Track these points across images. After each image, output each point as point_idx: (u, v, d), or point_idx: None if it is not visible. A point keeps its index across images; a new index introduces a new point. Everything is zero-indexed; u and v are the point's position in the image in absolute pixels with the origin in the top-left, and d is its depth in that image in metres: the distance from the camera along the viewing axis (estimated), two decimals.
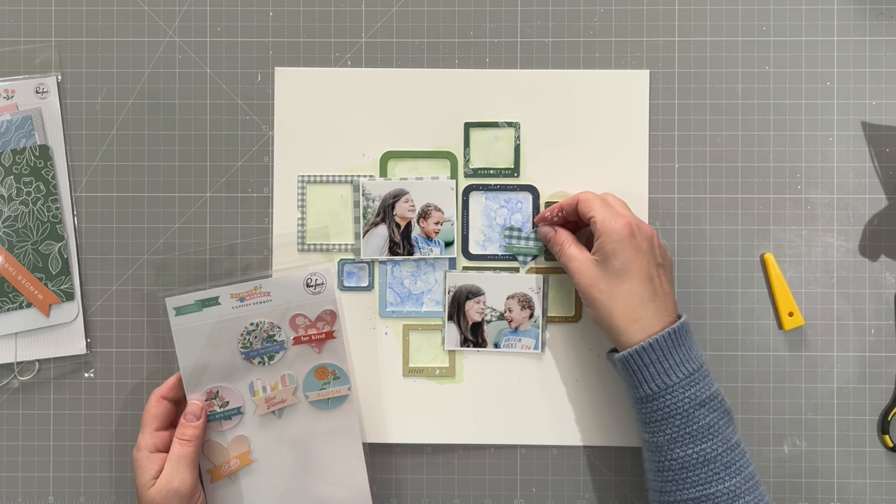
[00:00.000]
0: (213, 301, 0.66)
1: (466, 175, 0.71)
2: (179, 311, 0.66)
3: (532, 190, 0.71)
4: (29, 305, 0.70)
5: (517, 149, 0.71)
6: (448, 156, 0.71)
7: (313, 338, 0.67)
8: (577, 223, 0.68)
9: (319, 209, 0.71)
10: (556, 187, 0.71)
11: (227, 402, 0.67)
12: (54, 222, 0.70)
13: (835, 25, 0.71)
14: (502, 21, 0.71)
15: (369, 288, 0.71)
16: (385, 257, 0.70)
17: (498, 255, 0.71)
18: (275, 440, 0.67)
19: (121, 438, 0.71)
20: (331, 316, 0.67)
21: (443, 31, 0.72)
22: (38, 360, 0.71)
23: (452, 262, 0.71)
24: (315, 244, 0.71)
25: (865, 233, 0.71)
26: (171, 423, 0.66)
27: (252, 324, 0.66)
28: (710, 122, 0.71)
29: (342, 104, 0.71)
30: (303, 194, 0.71)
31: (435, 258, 0.70)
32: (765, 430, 0.71)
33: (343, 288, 0.71)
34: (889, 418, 0.70)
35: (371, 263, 0.71)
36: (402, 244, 0.70)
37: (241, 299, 0.66)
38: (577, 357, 0.70)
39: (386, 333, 0.71)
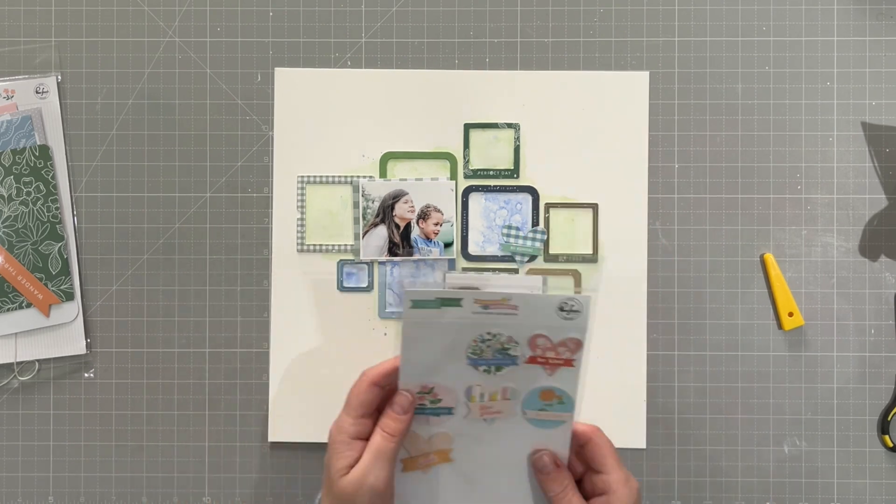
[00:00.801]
0: (455, 302, 0.61)
1: (466, 176, 0.71)
2: (416, 304, 0.60)
3: (532, 191, 0.71)
4: (29, 305, 0.70)
5: (517, 150, 0.71)
6: (448, 157, 0.71)
7: (550, 361, 0.61)
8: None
9: (319, 210, 0.71)
10: (556, 188, 0.71)
11: (440, 400, 0.62)
12: (54, 222, 0.70)
13: (835, 25, 0.71)
14: (502, 21, 0.71)
15: (369, 289, 0.71)
16: (384, 258, 0.70)
17: (497, 256, 0.71)
18: (479, 446, 0.63)
19: (121, 438, 0.71)
20: (575, 345, 0.61)
21: (443, 31, 0.72)
22: (38, 360, 0.71)
23: (452, 263, 0.71)
24: (315, 244, 0.71)
25: (865, 233, 0.71)
26: (377, 410, 0.61)
27: (490, 333, 0.61)
28: (710, 122, 0.71)
29: (342, 104, 0.71)
30: (302, 195, 0.71)
31: (434, 259, 0.70)
32: (765, 430, 0.71)
33: (342, 289, 0.71)
34: (889, 418, 0.70)
35: (370, 264, 0.71)
36: (401, 245, 0.70)
37: (486, 307, 0.61)
38: None
39: (385, 334, 0.71)
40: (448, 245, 0.70)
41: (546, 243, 0.71)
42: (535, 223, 0.71)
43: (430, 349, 0.61)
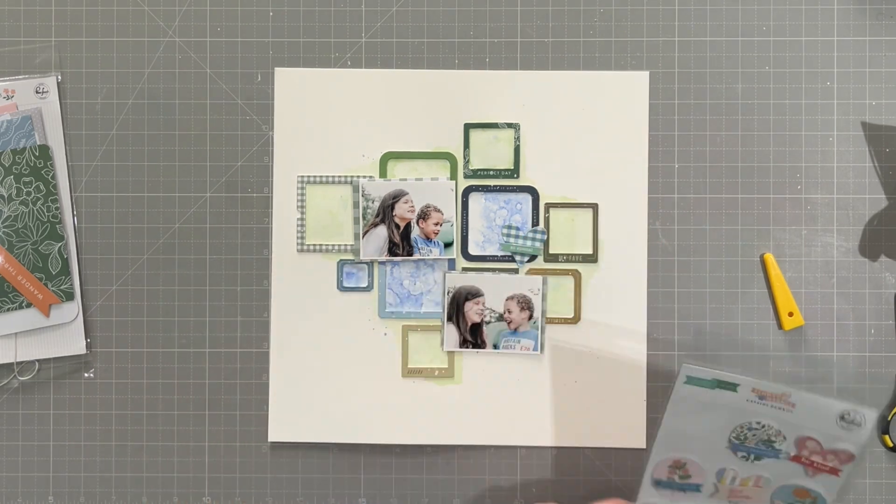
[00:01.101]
0: (731, 386, 0.60)
1: (466, 176, 0.71)
2: (691, 380, 0.60)
3: (532, 191, 0.71)
4: (29, 305, 0.70)
5: (517, 150, 0.71)
6: (448, 157, 0.71)
7: (816, 465, 0.61)
8: None
9: (319, 209, 0.71)
10: (556, 188, 0.71)
11: (689, 476, 0.62)
12: (54, 222, 0.70)
13: (835, 25, 0.71)
14: (502, 21, 0.71)
15: (369, 288, 0.71)
16: (384, 258, 0.70)
17: (497, 256, 0.71)
18: None
19: (121, 438, 0.71)
20: (847, 457, 0.60)
21: (443, 31, 0.72)
22: (38, 360, 0.71)
23: (452, 263, 0.71)
24: (315, 244, 0.71)
25: (865, 233, 0.71)
26: None
27: (759, 423, 0.60)
28: (710, 122, 0.71)
29: (342, 104, 0.71)
30: (302, 195, 0.71)
31: (434, 259, 0.70)
32: None
33: (342, 288, 0.71)
34: (889, 418, 0.70)
35: (370, 264, 0.71)
36: (401, 245, 0.70)
37: (762, 397, 0.60)
38: (576, 358, 0.70)
39: (385, 334, 0.71)
40: (448, 245, 0.70)
41: (546, 243, 0.71)
42: (535, 223, 0.71)
43: (694, 425, 0.61)
